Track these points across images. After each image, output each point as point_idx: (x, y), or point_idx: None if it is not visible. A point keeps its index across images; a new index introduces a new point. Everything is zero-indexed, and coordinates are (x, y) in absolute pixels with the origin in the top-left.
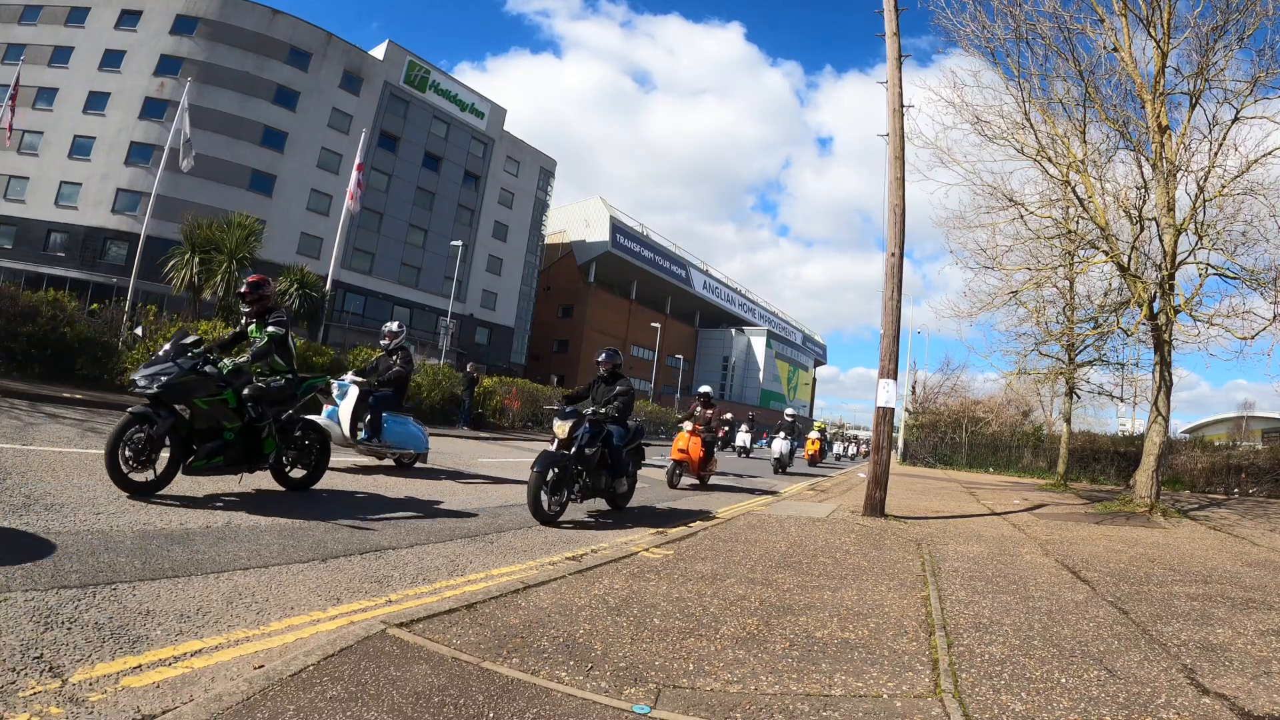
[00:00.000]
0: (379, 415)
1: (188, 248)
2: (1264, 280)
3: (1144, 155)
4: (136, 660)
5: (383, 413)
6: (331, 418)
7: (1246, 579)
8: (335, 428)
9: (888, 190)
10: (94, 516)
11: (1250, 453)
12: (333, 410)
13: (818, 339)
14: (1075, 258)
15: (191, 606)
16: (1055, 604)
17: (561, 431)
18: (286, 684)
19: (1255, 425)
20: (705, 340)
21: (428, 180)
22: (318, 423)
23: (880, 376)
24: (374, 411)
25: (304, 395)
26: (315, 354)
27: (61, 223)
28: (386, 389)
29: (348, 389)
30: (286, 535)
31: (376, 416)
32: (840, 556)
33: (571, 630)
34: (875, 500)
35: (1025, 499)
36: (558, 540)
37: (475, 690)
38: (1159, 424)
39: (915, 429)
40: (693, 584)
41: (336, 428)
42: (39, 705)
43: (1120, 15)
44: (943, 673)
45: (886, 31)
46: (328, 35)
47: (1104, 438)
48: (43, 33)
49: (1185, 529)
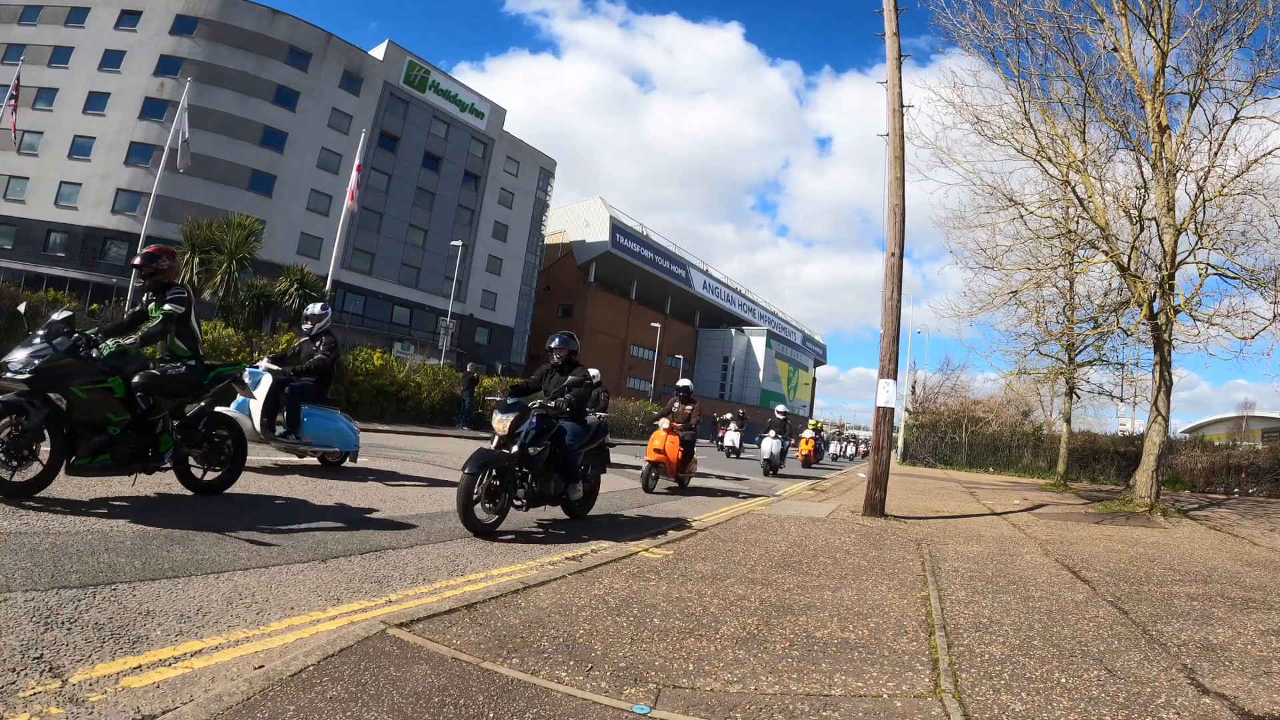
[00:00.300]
0: (297, 408)
1: (188, 248)
2: (1264, 280)
3: (1144, 155)
4: (136, 660)
5: (302, 405)
6: (242, 409)
7: (1246, 579)
8: (246, 421)
9: (887, 190)
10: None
11: (1250, 453)
12: (243, 402)
13: (818, 339)
14: (1075, 258)
15: (191, 606)
16: (1055, 604)
17: (501, 427)
18: (286, 684)
19: (1255, 425)
20: (705, 340)
21: (428, 180)
22: (230, 417)
23: (880, 376)
24: (291, 404)
25: (212, 385)
26: None
27: (61, 223)
28: (306, 378)
29: (260, 377)
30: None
31: (294, 409)
32: (840, 556)
33: (571, 630)
34: (875, 500)
35: (1025, 499)
36: (499, 552)
37: (475, 690)
38: (1159, 424)
39: (915, 429)
40: (693, 584)
41: (248, 421)
42: (39, 705)
43: (1120, 15)
44: (943, 673)
45: (886, 31)
46: (327, 35)
47: (1104, 437)
48: (43, 33)
49: (1185, 529)
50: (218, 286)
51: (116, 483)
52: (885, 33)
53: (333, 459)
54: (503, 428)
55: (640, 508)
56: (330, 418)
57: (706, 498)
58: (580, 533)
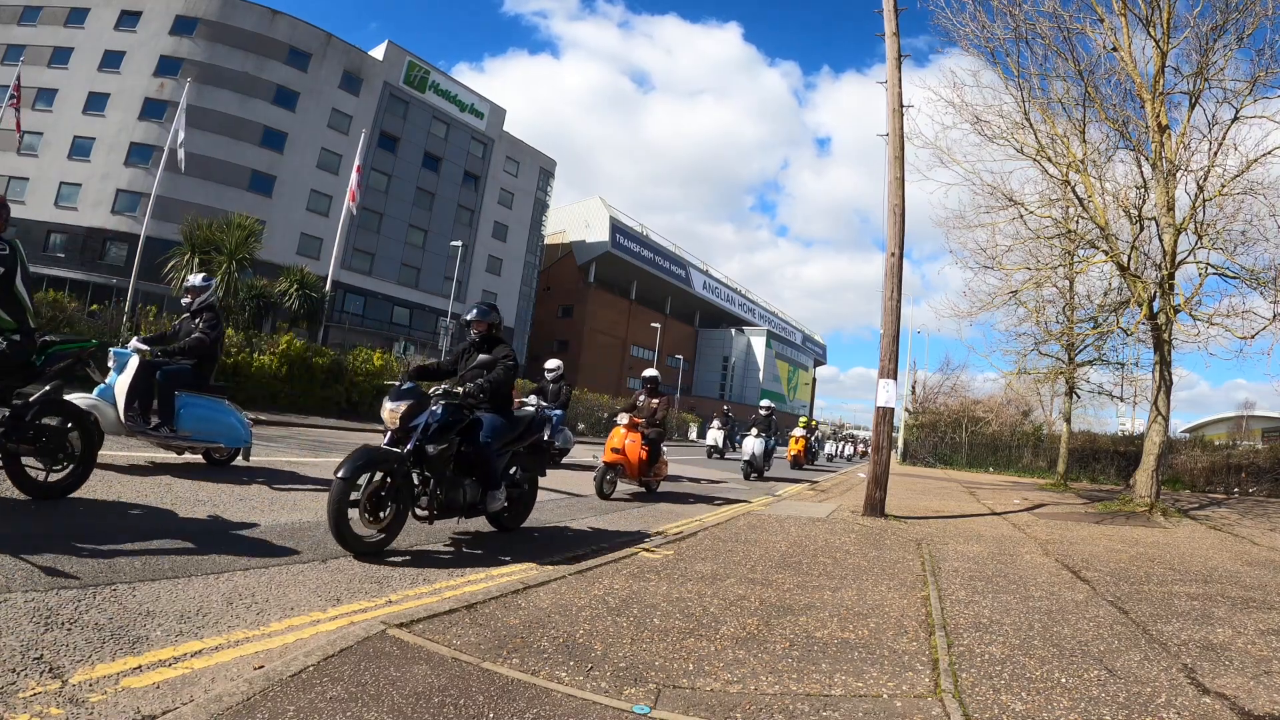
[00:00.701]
0: (170, 395)
1: (187, 248)
2: (1264, 280)
3: (1144, 155)
4: (136, 661)
5: (176, 392)
6: (105, 397)
7: (1246, 578)
8: (110, 410)
9: (887, 190)
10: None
11: (1250, 452)
12: (105, 388)
13: (817, 339)
14: (1075, 257)
15: (191, 607)
16: (1055, 604)
17: (391, 419)
18: (286, 684)
19: (1255, 425)
20: (705, 340)
21: (427, 180)
22: (77, 406)
23: (880, 376)
24: (164, 391)
25: (49, 365)
26: (316, 354)
27: (61, 223)
28: (183, 361)
29: (128, 359)
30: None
31: (167, 398)
32: (840, 556)
33: (571, 630)
34: (875, 500)
35: (1025, 499)
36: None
37: (475, 690)
38: (1159, 423)
39: (915, 429)
40: (693, 584)
41: (111, 410)
42: (39, 706)
43: (1120, 15)
44: (943, 672)
45: (886, 31)
46: (327, 36)
47: (1104, 437)
48: (43, 33)
49: (1185, 528)
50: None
51: None
52: (885, 33)
53: (220, 456)
54: (393, 419)
55: (593, 517)
56: (214, 408)
57: (675, 505)
58: (502, 552)
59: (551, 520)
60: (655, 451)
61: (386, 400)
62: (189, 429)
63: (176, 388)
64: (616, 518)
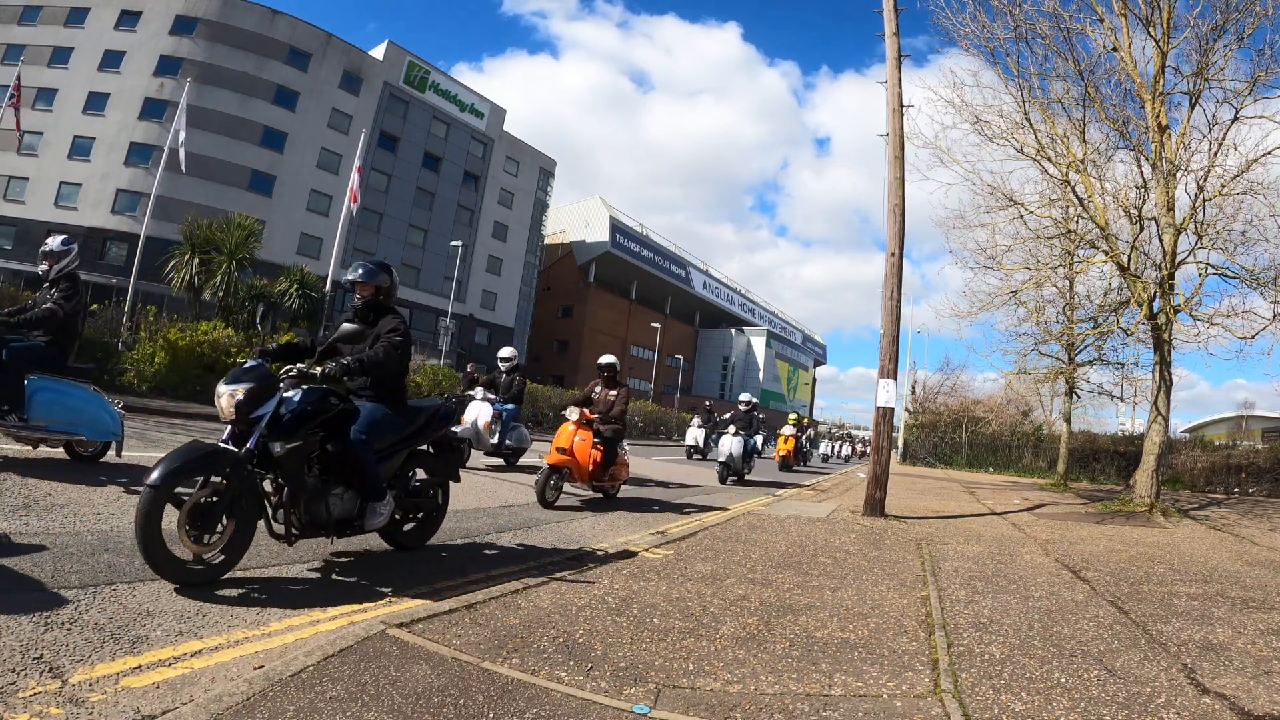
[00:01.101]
0: (19, 378)
1: (187, 248)
2: (1264, 280)
3: (1144, 155)
4: (136, 661)
5: (27, 375)
6: None
7: (1246, 578)
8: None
9: (887, 190)
10: (94, 517)
11: (1250, 452)
12: None
13: (817, 339)
14: (1075, 257)
15: (191, 607)
16: (1055, 604)
17: (226, 406)
18: (286, 684)
19: (1255, 425)
20: (705, 340)
21: (427, 180)
22: None
23: (880, 376)
24: (9, 370)
25: None
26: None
27: (61, 223)
28: (35, 337)
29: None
30: None
31: (15, 380)
32: (840, 556)
33: (571, 630)
34: (875, 500)
35: (1025, 499)
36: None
37: (475, 690)
38: (1159, 423)
39: (915, 429)
40: (693, 584)
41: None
42: (39, 706)
43: (1120, 15)
44: (943, 672)
45: (886, 31)
46: (327, 35)
47: (1104, 437)
48: (43, 33)
49: (1185, 528)
50: (218, 286)
51: None
52: (885, 33)
53: (84, 450)
54: (228, 406)
55: (526, 530)
56: (73, 394)
57: (630, 514)
58: (386, 580)
59: (476, 533)
60: (611, 452)
61: (222, 383)
62: (43, 418)
63: (28, 368)
64: (554, 529)
